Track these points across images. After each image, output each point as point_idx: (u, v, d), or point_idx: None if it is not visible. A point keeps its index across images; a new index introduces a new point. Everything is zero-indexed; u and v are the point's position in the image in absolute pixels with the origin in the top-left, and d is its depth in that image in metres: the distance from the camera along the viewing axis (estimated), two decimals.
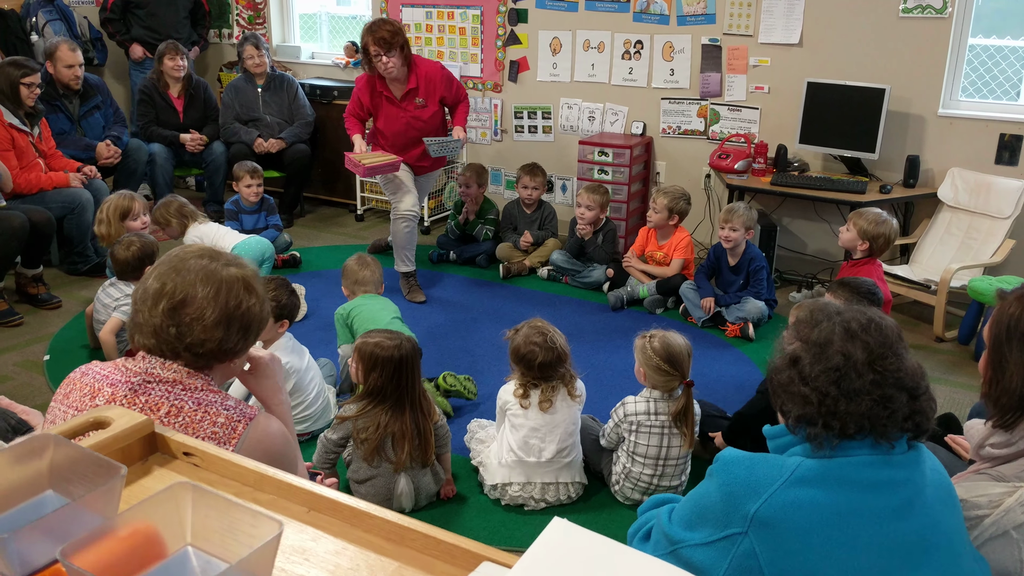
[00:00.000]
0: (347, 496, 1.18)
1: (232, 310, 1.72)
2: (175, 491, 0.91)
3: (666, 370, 2.96)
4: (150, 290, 1.72)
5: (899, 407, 1.51)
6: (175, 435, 1.31)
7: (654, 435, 2.99)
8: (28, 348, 4.29)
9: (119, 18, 6.45)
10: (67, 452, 1.01)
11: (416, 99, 4.83)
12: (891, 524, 1.49)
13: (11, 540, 0.85)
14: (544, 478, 3.05)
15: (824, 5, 5.00)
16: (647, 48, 5.58)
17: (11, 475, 1.03)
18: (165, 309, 1.69)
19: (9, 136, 4.83)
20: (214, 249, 1.82)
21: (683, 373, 2.98)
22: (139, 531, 0.90)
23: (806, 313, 1.65)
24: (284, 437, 1.83)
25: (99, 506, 0.94)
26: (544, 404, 3.01)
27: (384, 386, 2.91)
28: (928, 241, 4.86)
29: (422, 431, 2.95)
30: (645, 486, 3.04)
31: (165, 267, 1.75)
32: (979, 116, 4.82)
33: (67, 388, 1.73)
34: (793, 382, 1.58)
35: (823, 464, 1.52)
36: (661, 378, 2.99)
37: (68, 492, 1.01)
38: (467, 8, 6.09)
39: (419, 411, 2.95)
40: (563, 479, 3.08)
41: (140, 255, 3.99)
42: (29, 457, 1.03)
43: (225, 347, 1.74)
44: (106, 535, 0.88)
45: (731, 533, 1.54)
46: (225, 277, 1.73)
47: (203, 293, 1.70)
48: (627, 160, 5.43)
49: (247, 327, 1.77)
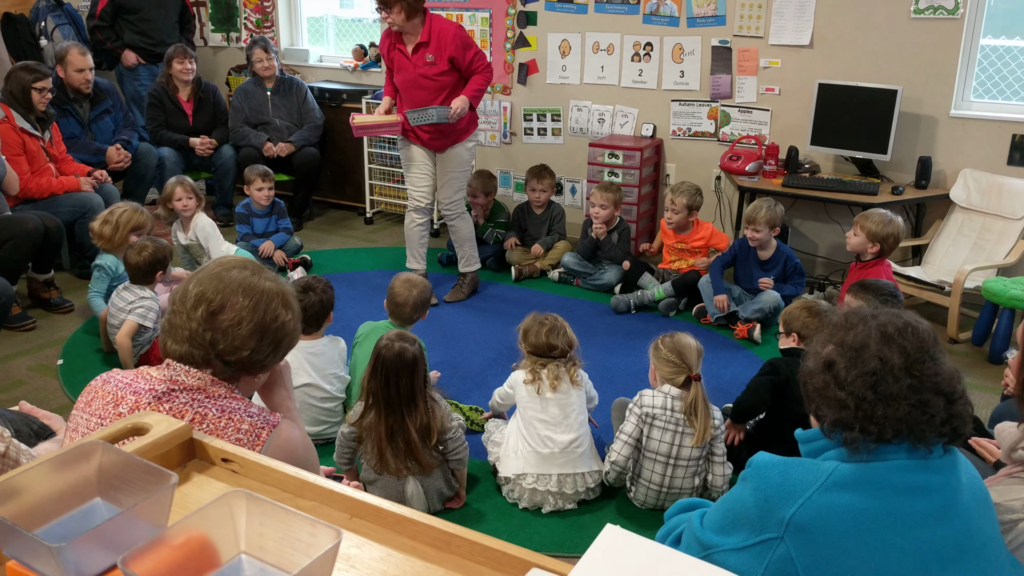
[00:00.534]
0: (390, 503, 1.18)
1: (268, 323, 1.74)
2: (229, 499, 0.91)
3: (674, 362, 3.05)
4: (190, 294, 1.73)
5: (937, 411, 1.50)
6: (213, 441, 1.31)
7: (667, 431, 3.02)
8: (41, 352, 4.29)
9: (109, 25, 6.37)
10: (115, 459, 1.00)
11: (427, 55, 4.67)
12: (928, 529, 1.48)
13: (68, 549, 0.84)
14: (561, 469, 3.06)
15: (835, 6, 4.99)
16: (657, 50, 5.58)
17: (59, 482, 1.02)
18: (204, 314, 1.70)
19: (20, 141, 4.84)
20: (255, 262, 1.83)
21: (690, 366, 3.05)
22: (193, 539, 0.90)
23: (840, 316, 1.64)
24: (306, 443, 1.84)
25: (151, 514, 0.94)
26: (554, 382, 3.06)
27: (376, 389, 2.88)
28: (941, 242, 4.85)
29: (409, 442, 2.87)
30: (657, 488, 3.05)
31: (206, 274, 1.76)
32: (991, 117, 4.81)
33: (89, 396, 1.72)
34: (828, 386, 1.57)
35: (860, 468, 1.51)
36: (669, 370, 3.06)
37: (117, 500, 1.00)
38: (476, 11, 6.09)
39: (408, 420, 2.87)
40: (580, 469, 3.09)
41: (152, 260, 4.01)
42: (77, 464, 1.03)
43: (256, 359, 1.75)
44: (161, 543, 0.87)
45: (766, 538, 1.53)
46: (265, 290, 1.75)
47: (242, 303, 1.72)
48: (637, 162, 5.42)
49: (279, 342, 1.78)
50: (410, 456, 2.90)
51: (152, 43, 6.32)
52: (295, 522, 0.88)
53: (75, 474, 1.02)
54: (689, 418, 3.02)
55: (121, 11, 6.33)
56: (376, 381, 2.88)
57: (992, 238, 4.67)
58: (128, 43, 6.38)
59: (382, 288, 5.09)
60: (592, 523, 3.07)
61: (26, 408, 2.38)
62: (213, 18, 7.20)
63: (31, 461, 1.72)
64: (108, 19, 6.33)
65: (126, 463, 0.99)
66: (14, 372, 4.08)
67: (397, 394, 2.86)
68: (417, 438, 2.88)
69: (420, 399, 2.90)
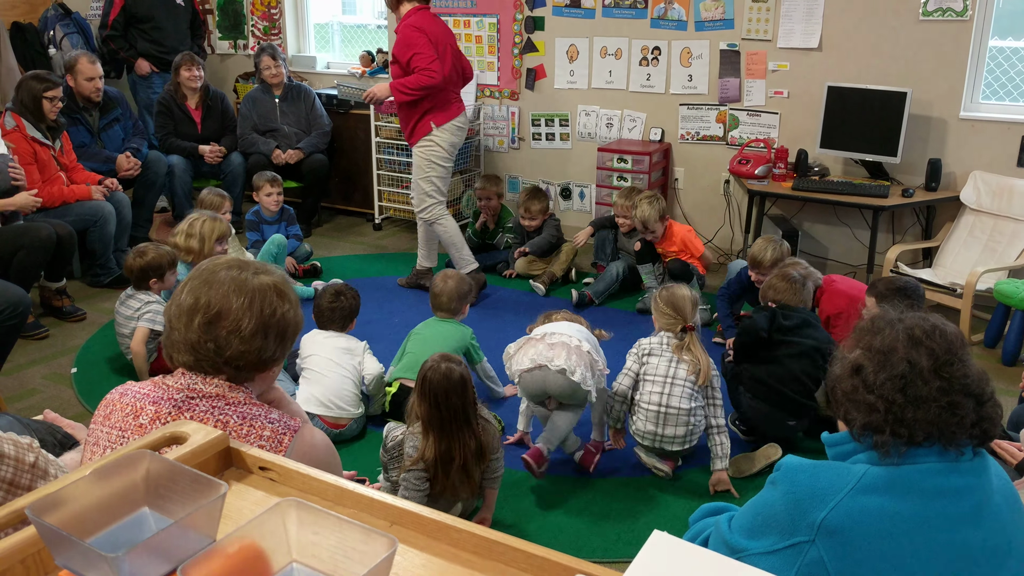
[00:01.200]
0: (430, 510, 1.18)
1: (268, 318, 1.71)
2: (281, 508, 0.91)
3: (669, 314, 3.35)
4: (184, 306, 1.70)
5: (967, 413, 1.50)
6: (251, 450, 1.31)
7: (663, 359, 3.30)
8: (55, 361, 4.30)
9: (122, 34, 6.40)
10: (163, 469, 1.01)
11: (392, 52, 4.78)
12: (961, 532, 1.48)
13: (124, 560, 0.85)
14: (551, 340, 3.17)
15: (843, 9, 5.00)
16: (665, 54, 5.59)
17: (104, 491, 1.03)
18: (200, 324, 1.68)
19: (31, 149, 4.85)
20: (242, 259, 1.81)
21: (684, 317, 3.33)
22: (245, 547, 0.90)
23: (866, 321, 1.65)
24: (328, 447, 1.83)
25: (202, 524, 0.94)
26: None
27: (426, 413, 2.78)
28: (951, 244, 4.85)
29: (465, 463, 2.79)
30: (656, 408, 3.24)
31: (196, 281, 1.73)
32: (1001, 119, 4.82)
33: (107, 409, 1.71)
34: (857, 390, 1.57)
35: (891, 472, 1.51)
36: (665, 320, 3.36)
37: (165, 509, 1.01)
38: (483, 16, 6.11)
39: (462, 441, 2.78)
40: (572, 340, 3.18)
41: (145, 267, 3.99)
42: (123, 473, 1.03)
43: (264, 356, 1.73)
44: (215, 553, 0.88)
45: (797, 542, 1.53)
46: (256, 286, 1.72)
47: (237, 304, 1.69)
48: (646, 167, 5.43)
49: (283, 333, 1.76)
50: (463, 479, 2.81)
51: (165, 51, 6.34)
52: (349, 530, 0.88)
53: (121, 483, 1.03)
54: (682, 355, 3.28)
55: (133, 20, 6.35)
56: (425, 404, 2.77)
57: (1003, 240, 4.67)
58: (141, 52, 6.40)
59: (392, 293, 5.15)
60: (626, 529, 3.07)
61: (50, 417, 2.38)
62: (220, 26, 7.23)
63: (69, 473, 1.73)
64: (120, 28, 6.36)
65: (175, 472, 1.00)
66: (28, 381, 4.09)
67: (450, 415, 2.76)
68: (472, 459, 2.80)
69: (472, 418, 2.81)
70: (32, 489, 1.75)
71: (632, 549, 2.93)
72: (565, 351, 3.09)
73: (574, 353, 3.09)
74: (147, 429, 1.65)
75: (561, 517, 3.11)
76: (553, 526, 3.06)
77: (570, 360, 3.06)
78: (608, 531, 3.04)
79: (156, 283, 4.03)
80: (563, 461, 3.42)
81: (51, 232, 4.46)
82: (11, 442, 1.70)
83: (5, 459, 1.67)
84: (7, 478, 1.68)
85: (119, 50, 6.40)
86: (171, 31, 6.46)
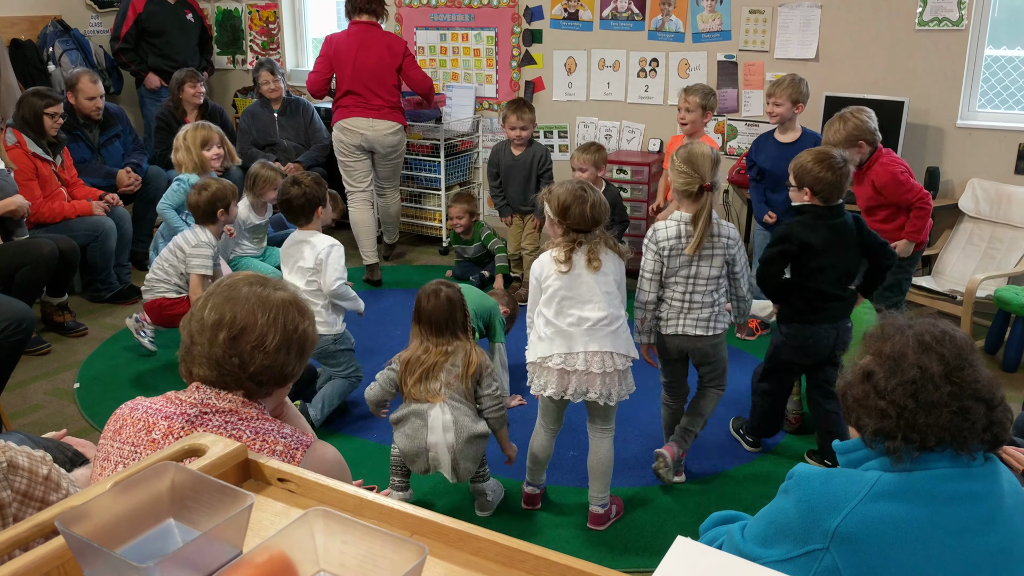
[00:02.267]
0: (451, 519, 1.18)
1: (291, 333, 1.74)
2: (309, 518, 0.92)
3: (685, 172, 3.02)
4: (207, 321, 1.71)
5: (978, 418, 1.51)
6: (269, 461, 1.31)
7: (684, 257, 3.08)
8: (58, 376, 4.30)
9: (133, 48, 6.46)
10: (189, 480, 1.02)
11: None
12: (975, 537, 1.49)
13: (155, 570, 0.85)
14: (586, 347, 2.89)
15: (840, 19, 5.04)
16: (663, 65, 5.62)
17: (130, 502, 1.03)
18: (225, 339, 1.69)
19: (33, 165, 4.86)
20: (261, 275, 1.83)
21: (703, 176, 3.02)
22: (274, 558, 0.91)
23: (876, 327, 1.66)
24: (340, 463, 1.84)
25: (229, 535, 0.95)
26: (594, 263, 2.91)
27: (419, 331, 3.05)
28: (950, 252, 4.87)
29: (440, 364, 3.00)
30: (679, 303, 3.12)
31: (218, 298, 1.74)
32: (998, 126, 4.85)
33: (117, 424, 1.71)
34: (868, 396, 1.58)
35: (903, 478, 1.52)
36: (682, 181, 3.04)
37: (191, 520, 1.01)
38: (481, 30, 6.14)
39: (448, 345, 3.01)
40: (607, 348, 2.90)
41: (212, 199, 4.14)
42: (148, 485, 1.03)
43: (286, 371, 1.76)
44: (245, 563, 0.88)
45: (812, 549, 1.54)
46: (278, 301, 1.74)
47: (263, 320, 1.71)
48: (645, 177, 5.45)
49: (303, 349, 1.79)
50: (437, 376, 2.98)
51: (175, 65, 6.36)
52: (378, 539, 0.89)
53: (147, 495, 1.03)
54: (692, 227, 3.04)
55: (145, 34, 6.42)
56: (418, 323, 3.04)
57: (1002, 247, 4.69)
58: (151, 66, 6.44)
59: (395, 306, 5.15)
60: (634, 539, 3.07)
61: (64, 438, 2.38)
62: (219, 41, 7.25)
63: (81, 488, 1.73)
64: (132, 42, 6.41)
65: (200, 484, 1.00)
66: (31, 397, 4.09)
67: (437, 329, 3.01)
68: (446, 361, 2.99)
69: (462, 333, 3.05)
70: (46, 501, 1.75)
71: (644, 560, 2.93)
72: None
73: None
74: (160, 444, 1.66)
75: (571, 530, 3.11)
76: (562, 538, 3.06)
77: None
78: (615, 541, 3.04)
79: (223, 214, 4.18)
80: (569, 469, 3.42)
81: (53, 248, 4.46)
82: (25, 454, 1.70)
83: (19, 470, 1.67)
84: (21, 489, 1.68)
85: (130, 63, 6.44)
86: (181, 46, 6.50)
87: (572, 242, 2.93)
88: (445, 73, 6.35)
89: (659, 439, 3.56)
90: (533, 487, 3.22)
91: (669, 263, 3.09)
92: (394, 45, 5.41)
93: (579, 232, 2.94)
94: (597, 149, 4.59)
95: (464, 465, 2.98)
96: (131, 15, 6.35)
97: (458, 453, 2.95)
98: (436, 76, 6.42)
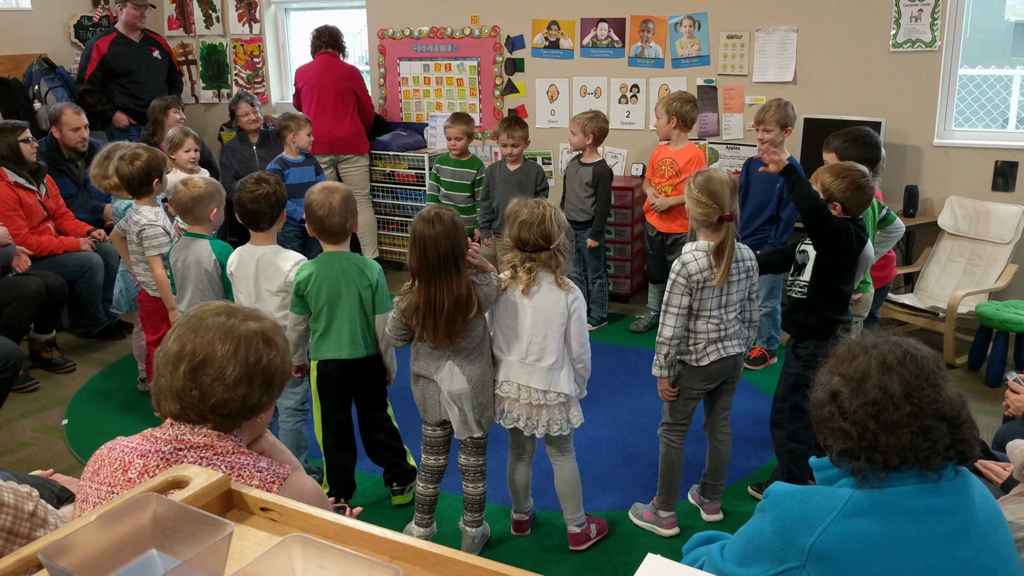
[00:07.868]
0: (431, 544, 1.21)
1: (252, 365, 1.70)
2: (287, 544, 0.94)
3: (704, 202, 2.89)
4: (170, 353, 1.70)
5: (940, 437, 1.54)
6: (251, 491, 1.34)
7: (715, 291, 2.96)
8: (45, 413, 4.29)
9: (99, 88, 6.45)
10: (170, 511, 1.04)
11: None
12: (948, 550, 1.51)
13: None
14: (519, 379, 2.91)
15: (816, 43, 5.12)
16: (643, 91, 5.69)
17: (112, 535, 1.05)
18: (186, 371, 1.67)
19: (15, 196, 4.83)
20: (232, 305, 1.80)
21: (722, 206, 2.88)
22: None
23: (843, 347, 1.69)
24: (318, 493, 1.82)
25: (209, 564, 0.97)
26: (531, 286, 2.85)
27: (415, 263, 2.80)
28: (931, 269, 4.93)
29: (446, 310, 2.77)
30: (717, 333, 3.00)
31: (184, 328, 1.72)
32: (973, 144, 4.93)
33: (95, 465, 1.69)
34: (833, 417, 1.61)
35: (874, 495, 1.55)
36: (700, 211, 2.91)
37: (172, 551, 1.03)
38: (464, 60, 6.21)
39: (447, 287, 2.76)
40: (535, 384, 2.90)
41: (145, 168, 3.92)
42: (130, 517, 1.06)
43: (249, 404, 1.71)
44: None
45: (789, 567, 1.56)
46: (243, 332, 1.71)
47: (223, 351, 1.68)
48: (629, 202, 5.50)
49: (269, 380, 1.74)
50: (446, 325, 2.78)
51: (142, 104, 6.37)
52: (353, 563, 0.91)
53: (129, 526, 1.05)
54: (717, 259, 2.91)
55: (111, 75, 6.40)
56: (415, 253, 2.78)
57: (982, 263, 4.75)
58: (119, 105, 6.45)
59: None
60: (621, 562, 3.08)
61: (48, 476, 2.39)
62: (204, 75, 7.30)
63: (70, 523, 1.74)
64: (98, 83, 6.40)
65: (181, 514, 1.02)
66: (19, 434, 4.08)
67: (437, 261, 2.75)
68: (452, 306, 2.77)
69: (461, 266, 2.79)
70: (31, 538, 1.76)
71: None
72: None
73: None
74: (135, 483, 1.63)
75: (558, 553, 3.12)
76: (551, 561, 3.07)
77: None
78: (603, 563, 3.05)
79: (158, 183, 4.00)
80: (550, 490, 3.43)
81: (41, 285, 4.47)
82: (11, 491, 1.72)
83: (4, 508, 1.68)
84: (6, 526, 1.69)
85: (96, 104, 6.42)
86: (149, 84, 6.50)
87: (519, 257, 2.90)
88: (429, 103, 6.41)
89: (647, 461, 3.58)
90: (521, 514, 3.23)
91: (700, 295, 2.96)
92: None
93: (526, 253, 2.88)
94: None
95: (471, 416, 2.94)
96: (95, 56, 6.36)
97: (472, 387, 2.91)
98: (420, 107, 6.48)
